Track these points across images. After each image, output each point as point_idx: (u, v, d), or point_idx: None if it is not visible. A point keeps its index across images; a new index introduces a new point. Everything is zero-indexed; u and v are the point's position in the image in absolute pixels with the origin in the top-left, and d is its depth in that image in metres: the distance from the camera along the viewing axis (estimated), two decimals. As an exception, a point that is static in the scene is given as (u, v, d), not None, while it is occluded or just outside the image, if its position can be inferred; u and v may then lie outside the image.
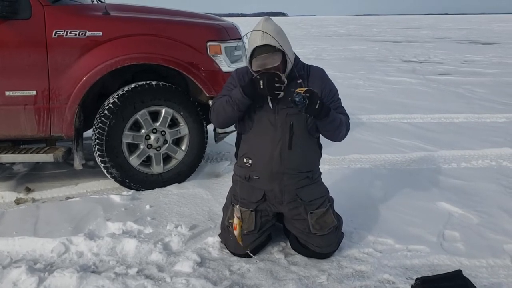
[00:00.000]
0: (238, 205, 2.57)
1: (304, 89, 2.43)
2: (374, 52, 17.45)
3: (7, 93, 3.42)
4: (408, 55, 16.31)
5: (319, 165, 2.88)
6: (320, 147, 2.85)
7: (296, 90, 2.42)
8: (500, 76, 10.76)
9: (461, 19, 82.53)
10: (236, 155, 2.88)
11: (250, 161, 2.71)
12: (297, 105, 2.40)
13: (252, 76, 2.59)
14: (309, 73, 2.69)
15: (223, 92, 2.75)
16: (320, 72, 2.73)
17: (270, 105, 2.60)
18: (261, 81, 2.45)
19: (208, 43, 3.70)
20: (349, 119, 2.75)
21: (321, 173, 2.89)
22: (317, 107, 2.43)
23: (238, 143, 2.86)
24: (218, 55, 3.73)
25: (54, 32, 3.39)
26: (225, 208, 2.90)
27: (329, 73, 2.88)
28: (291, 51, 2.61)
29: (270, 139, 2.63)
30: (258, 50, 2.50)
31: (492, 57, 15.23)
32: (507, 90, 8.80)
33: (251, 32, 2.55)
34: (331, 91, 2.69)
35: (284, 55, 2.53)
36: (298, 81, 2.58)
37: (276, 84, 2.43)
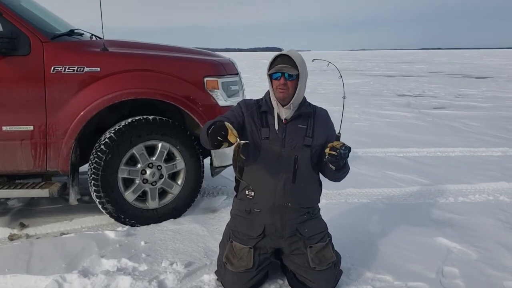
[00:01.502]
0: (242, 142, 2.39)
1: (340, 143, 2.51)
2: (368, 86, 17.65)
3: (4, 128, 3.42)
4: (403, 89, 16.50)
5: (319, 201, 2.90)
6: (321, 183, 2.88)
7: (336, 145, 2.50)
8: (494, 109, 10.88)
9: (454, 54, 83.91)
10: (236, 189, 2.87)
11: (253, 193, 2.72)
12: (342, 158, 2.49)
13: (261, 104, 2.74)
14: (315, 111, 2.80)
15: (224, 115, 2.76)
16: (325, 113, 2.86)
17: (276, 127, 2.67)
18: (210, 129, 2.40)
19: (205, 78, 3.75)
20: None
21: (320, 208, 2.90)
22: (346, 160, 2.57)
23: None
24: (215, 90, 3.77)
25: (52, 68, 3.42)
26: (222, 245, 2.88)
27: (325, 107, 2.94)
28: (304, 86, 2.70)
29: (275, 172, 2.67)
30: (280, 59, 2.65)
31: (486, 91, 15.43)
32: (502, 123, 8.88)
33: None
34: (334, 133, 2.75)
35: (298, 80, 2.64)
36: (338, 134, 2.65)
37: (218, 137, 2.33)
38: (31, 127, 3.46)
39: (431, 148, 6.58)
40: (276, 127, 2.68)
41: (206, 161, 3.99)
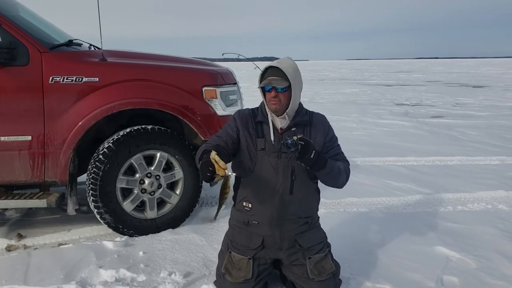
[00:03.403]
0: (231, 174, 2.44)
1: (298, 136, 2.45)
2: (366, 96, 17.70)
3: (2, 138, 3.41)
4: (400, 98, 16.56)
5: (318, 209, 2.87)
6: (319, 191, 2.86)
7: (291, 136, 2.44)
8: (491, 118, 10.91)
9: (451, 63, 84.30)
10: (234, 198, 2.84)
11: (250, 205, 2.69)
12: (289, 148, 2.42)
13: (256, 114, 2.70)
14: (312, 119, 2.74)
15: (218, 133, 2.75)
16: (323, 118, 2.79)
17: (272, 137, 2.63)
18: (199, 165, 2.41)
19: (204, 88, 3.75)
20: (349, 164, 2.76)
21: (319, 217, 2.89)
22: (312, 156, 2.44)
23: (236, 186, 2.81)
24: (214, 100, 3.77)
25: (51, 78, 3.42)
26: (221, 254, 2.85)
27: (323, 116, 2.93)
28: (299, 94, 2.65)
29: (272, 184, 2.63)
30: (270, 71, 2.59)
31: (483, 100, 15.49)
32: (500, 132, 8.91)
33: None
34: (333, 138, 2.73)
35: (290, 91, 2.58)
36: (292, 129, 2.62)
37: (207, 173, 2.31)
38: (29, 137, 3.45)
39: (429, 157, 6.59)
40: (272, 138, 2.65)
41: (205, 170, 3.97)
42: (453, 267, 3.16)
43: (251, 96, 12.25)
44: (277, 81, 2.55)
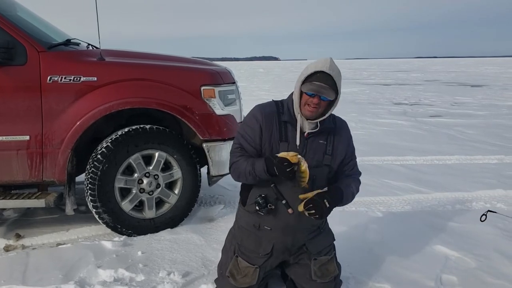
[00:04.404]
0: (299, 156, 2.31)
1: (304, 202, 2.38)
2: (365, 95, 17.70)
3: (0, 138, 3.41)
4: (399, 97, 16.56)
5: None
6: None
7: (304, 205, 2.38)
8: (490, 117, 10.92)
9: (449, 62, 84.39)
10: (244, 196, 2.67)
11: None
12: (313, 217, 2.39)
13: (282, 112, 2.52)
14: (335, 124, 2.60)
15: (241, 141, 2.56)
16: (346, 127, 2.66)
17: (298, 142, 2.47)
18: (275, 169, 2.31)
19: (202, 87, 3.74)
20: (360, 175, 2.70)
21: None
22: (328, 206, 2.37)
23: (248, 187, 2.63)
24: (212, 99, 3.77)
25: (49, 78, 3.41)
26: (225, 250, 2.77)
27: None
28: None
29: (291, 191, 2.47)
30: (320, 76, 2.34)
31: (481, 99, 15.50)
32: (498, 131, 8.91)
33: (317, 61, 2.42)
34: (353, 151, 2.65)
35: (333, 102, 2.44)
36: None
37: (287, 169, 2.26)
38: (27, 137, 3.44)
39: (428, 156, 6.59)
40: (298, 142, 2.47)
41: (203, 170, 3.97)
42: (452, 266, 3.16)
43: (249, 96, 12.27)
44: (327, 90, 2.34)
